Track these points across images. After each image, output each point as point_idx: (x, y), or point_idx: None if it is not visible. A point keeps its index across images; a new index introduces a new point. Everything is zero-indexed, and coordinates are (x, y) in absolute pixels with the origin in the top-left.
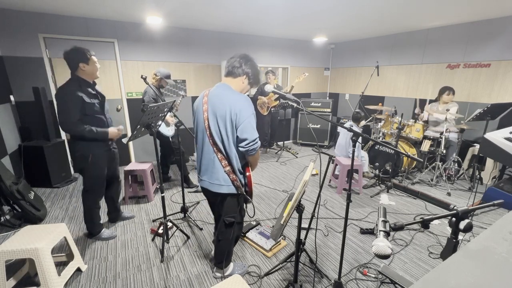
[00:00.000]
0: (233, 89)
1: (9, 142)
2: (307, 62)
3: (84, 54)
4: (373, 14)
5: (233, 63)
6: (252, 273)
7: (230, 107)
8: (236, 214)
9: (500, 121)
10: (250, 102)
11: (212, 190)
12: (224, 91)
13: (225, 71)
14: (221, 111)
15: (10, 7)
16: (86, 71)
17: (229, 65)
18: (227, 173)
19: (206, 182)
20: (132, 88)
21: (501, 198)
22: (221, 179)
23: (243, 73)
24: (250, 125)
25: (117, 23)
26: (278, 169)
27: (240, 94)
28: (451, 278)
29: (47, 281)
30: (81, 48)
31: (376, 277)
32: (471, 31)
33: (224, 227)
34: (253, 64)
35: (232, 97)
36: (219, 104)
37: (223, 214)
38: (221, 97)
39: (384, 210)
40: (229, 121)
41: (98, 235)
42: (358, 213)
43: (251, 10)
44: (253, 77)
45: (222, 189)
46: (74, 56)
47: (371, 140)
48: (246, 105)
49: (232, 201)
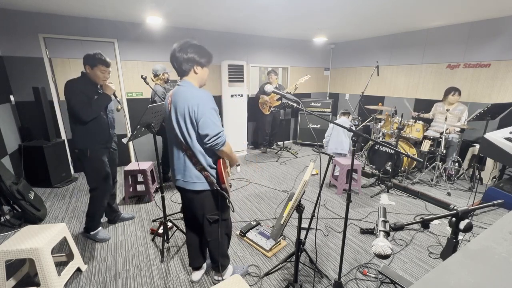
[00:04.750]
0: (192, 85)
1: (9, 142)
2: (307, 62)
3: (94, 60)
4: (373, 14)
5: (176, 61)
6: (252, 273)
7: (188, 103)
8: (217, 211)
9: (500, 121)
10: (208, 97)
11: (187, 188)
12: (182, 88)
13: (177, 72)
14: (180, 108)
15: (10, 7)
16: (89, 74)
17: (174, 66)
18: (198, 170)
19: (181, 181)
20: (132, 88)
21: (501, 198)
22: (193, 177)
23: (190, 63)
24: (209, 120)
25: (117, 23)
26: (278, 169)
27: (197, 89)
28: (451, 278)
29: (47, 281)
30: (98, 55)
31: (376, 277)
32: (471, 31)
33: (209, 226)
34: (193, 45)
35: (189, 92)
36: (178, 102)
37: (204, 212)
38: (180, 94)
39: (384, 210)
40: (188, 118)
41: (94, 233)
42: (358, 213)
43: (251, 10)
44: (201, 58)
45: (196, 186)
46: (87, 58)
47: (371, 140)
48: (203, 99)
49: (210, 198)
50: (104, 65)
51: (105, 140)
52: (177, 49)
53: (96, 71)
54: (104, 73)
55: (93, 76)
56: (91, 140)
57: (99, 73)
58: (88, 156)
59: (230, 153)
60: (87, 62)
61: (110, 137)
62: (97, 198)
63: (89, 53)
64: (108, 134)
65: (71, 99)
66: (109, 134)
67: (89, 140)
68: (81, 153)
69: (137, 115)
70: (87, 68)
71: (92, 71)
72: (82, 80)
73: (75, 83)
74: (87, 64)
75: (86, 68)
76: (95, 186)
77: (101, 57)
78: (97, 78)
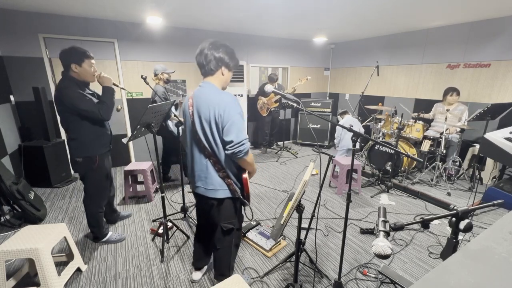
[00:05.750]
0: (216, 87)
1: (9, 142)
2: (307, 62)
3: (79, 55)
4: (373, 14)
5: (205, 58)
6: (252, 273)
7: (214, 107)
8: (234, 220)
9: (500, 121)
10: (236, 101)
11: (209, 196)
12: (207, 90)
13: (201, 71)
14: (205, 113)
15: (10, 7)
16: (78, 73)
17: (201, 64)
18: (221, 178)
19: (202, 188)
20: (132, 88)
21: (501, 198)
22: (216, 184)
23: (219, 63)
24: (235, 126)
25: (117, 23)
26: (278, 169)
27: (224, 92)
28: (451, 278)
29: (47, 281)
30: (79, 49)
31: (376, 277)
32: (471, 31)
33: (222, 234)
34: (225, 45)
35: (215, 96)
36: (202, 106)
37: (221, 220)
38: (204, 97)
39: (384, 210)
40: (214, 123)
41: (107, 239)
42: (358, 213)
43: (251, 10)
44: (231, 60)
45: (218, 194)
46: (68, 55)
47: (371, 140)
48: (230, 104)
49: (229, 206)
50: (91, 58)
51: (108, 142)
52: (208, 46)
53: (85, 66)
54: (93, 66)
55: (83, 74)
56: (98, 144)
57: (88, 69)
58: (96, 163)
59: (252, 163)
60: (72, 60)
61: (111, 136)
62: (93, 205)
63: (65, 49)
64: (110, 133)
65: (79, 104)
66: (110, 134)
67: (97, 145)
68: (87, 161)
69: (137, 115)
70: (73, 67)
71: (81, 69)
72: (72, 83)
73: (70, 87)
74: (73, 62)
75: (72, 67)
76: (94, 193)
77: (83, 50)
78: (88, 74)
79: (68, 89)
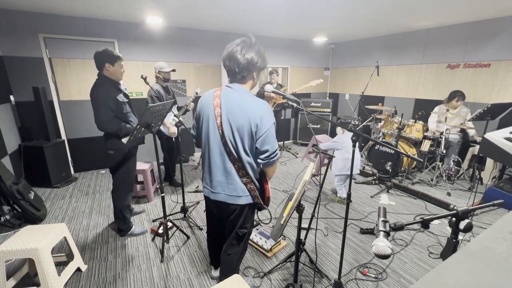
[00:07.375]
0: (248, 92)
1: (9, 142)
2: (307, 62)
3: (111, 56)
4: (373, 14)
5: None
6: (252, 273)
7: (250, 116)
8: (249, 225)
9: (500, 121)
10: (269, 108)
11: (231, 203)
12: (240, 95)
13: (229, 73)
14: (239, 121)
15: (10, 7)
16: (110, 71)
17: (232, 71)
18: (244, 183)
19: (223, 194)
20: (132, 88)
21: (501, 198)
22: (239, 190)
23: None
24: (271, 136)
25: (117, 23)
26: (278, 169)
27: (260, 100)
28: (451, 278)
29: (47, 281)
30: (111, 51)
31: (376, 277)
32: (471, 31)
33: (236, 240)
34: (257, 46)
35: (250, 104)
36: (236, 111)
37: (238, 226)
38: (239, 102)
39: (384, 210)
40: (248, 132)
41: (131, 232)
42: (358, 213)
43: (251, 10)
44: (262, 63)
45: (240, 200)
46: (103, 56)
47: (371, 140)
48: (266, 112)
49: (249, 211)
50: (121, 59)
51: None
52: (240, 50)
53: (117, 67)
54: (122, 66)
55: (113, 72)
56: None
57: (119, 68)
58: (125, 156)
59: (275, 170)
60: (107, 60)
61: None
62: (122, 197)
63: (99, 50)
64: None
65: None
66: None
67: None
68: (118, 154)
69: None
70: (107, 66)
71: (113, 68)
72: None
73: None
74: (107, 62)
75: (106, 67)
76: (122, 185)
77: (116, 53)
78: (118, 73)
79: (98, 90)
